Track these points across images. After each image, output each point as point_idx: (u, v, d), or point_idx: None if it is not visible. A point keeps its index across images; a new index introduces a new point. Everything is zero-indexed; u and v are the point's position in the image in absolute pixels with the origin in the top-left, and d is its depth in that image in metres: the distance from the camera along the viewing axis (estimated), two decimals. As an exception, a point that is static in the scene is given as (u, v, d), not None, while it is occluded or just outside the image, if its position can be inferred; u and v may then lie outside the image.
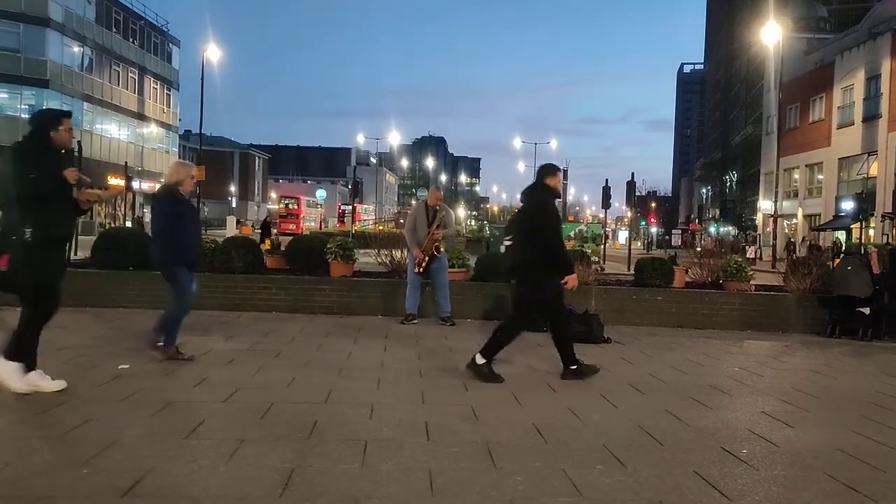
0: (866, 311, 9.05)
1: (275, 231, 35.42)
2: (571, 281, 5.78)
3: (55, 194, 4.65)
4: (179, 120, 59.36)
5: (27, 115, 40.59)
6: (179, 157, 61.06)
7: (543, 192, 5.94)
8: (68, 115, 4.89)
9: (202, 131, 36.63)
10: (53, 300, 4.80)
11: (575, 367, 5.86)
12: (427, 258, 8.64)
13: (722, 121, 79.35)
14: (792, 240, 41.27)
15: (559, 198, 6.24)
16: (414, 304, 8.82)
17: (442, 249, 8.75)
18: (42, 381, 4.73)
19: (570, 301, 8.88)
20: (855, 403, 5.48)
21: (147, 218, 49.48)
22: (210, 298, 9.41)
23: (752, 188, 57.21)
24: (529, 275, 5.78)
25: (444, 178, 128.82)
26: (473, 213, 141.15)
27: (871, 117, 36.40)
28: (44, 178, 4.59)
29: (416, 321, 8.72)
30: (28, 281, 4.61)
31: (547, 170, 6.03)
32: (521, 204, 6.18)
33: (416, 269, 8.68)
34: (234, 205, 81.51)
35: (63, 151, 4.87)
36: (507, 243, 6.08)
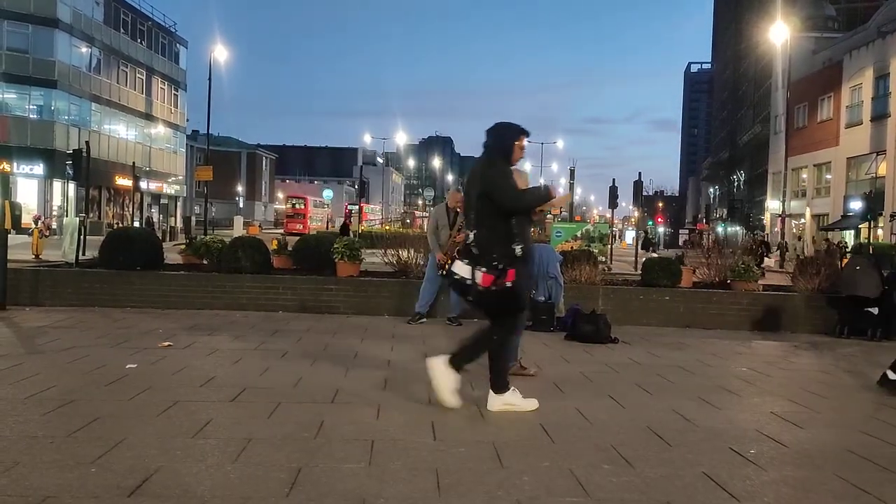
0: (875, 311, 9.01)
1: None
2: None
3: (531, 207, 4.71)
4: (187, 120, 59.51)
5: (35, 116, 40.96)
6: (186, 157, 61.36)
7: None
8: (528, 133, 4.82)
9: (209, 131, 36.69)
10: (524, 314, 4.80)
11: None
12: (450, 261, 8.58)
13: (729, 120, 79.08)
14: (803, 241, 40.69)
15: None
16: (425, 305, 8.81)
17: None
18: (515, 399, 4.72)
19: (577, 300, 8.90)
20: (864, 404, 5.44)
21: (156, 217, 50.01)
22: (217, 298, 9.46)
23: (759, 188, 57.03)
24: None
25: (450, 177, 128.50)
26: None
27: (879, 116, 36.26)
28: (522, 191, 4.66)
29: (423, 321, 8.72)
30: (521, 297, 4.62)
31: None
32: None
33: (441, 272, 8.60)
34: (241, 205, 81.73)
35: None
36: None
